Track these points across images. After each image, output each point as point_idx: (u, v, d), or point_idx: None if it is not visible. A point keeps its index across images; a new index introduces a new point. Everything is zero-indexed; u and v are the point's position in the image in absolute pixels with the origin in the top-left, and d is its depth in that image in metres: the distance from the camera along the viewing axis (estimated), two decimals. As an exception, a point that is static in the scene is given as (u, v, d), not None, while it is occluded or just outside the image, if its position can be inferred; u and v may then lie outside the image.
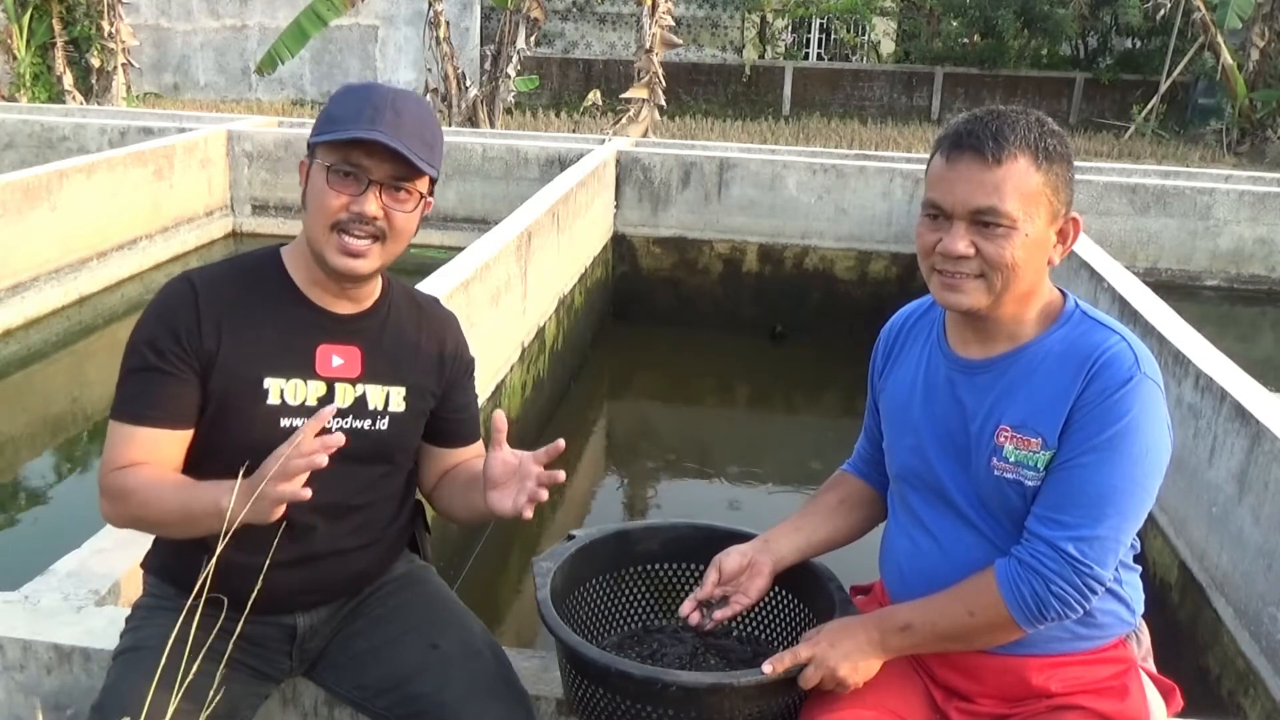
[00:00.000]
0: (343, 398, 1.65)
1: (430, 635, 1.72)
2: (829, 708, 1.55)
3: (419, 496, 1.89)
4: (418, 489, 1.88)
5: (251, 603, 1.43)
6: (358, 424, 1.66)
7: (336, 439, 1.42)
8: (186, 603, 1.44)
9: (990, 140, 1.45)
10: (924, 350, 1.67)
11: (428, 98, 11.16)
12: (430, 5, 11.39)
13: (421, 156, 1.57)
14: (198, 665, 1.37)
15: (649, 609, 1.91)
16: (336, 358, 1.65)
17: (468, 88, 11.51)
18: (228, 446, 1.58)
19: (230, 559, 1.41)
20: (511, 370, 4.92)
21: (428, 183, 1.63)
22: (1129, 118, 17.22)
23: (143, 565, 1.76)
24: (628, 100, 10.95)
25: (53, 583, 2.03)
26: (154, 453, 1.58)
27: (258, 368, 1.60)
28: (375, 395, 1.68)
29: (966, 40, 19.65)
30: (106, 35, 13.46)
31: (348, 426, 1.64)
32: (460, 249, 4.45)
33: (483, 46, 16.48)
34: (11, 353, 5.94)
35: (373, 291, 1.71)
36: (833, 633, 1.57)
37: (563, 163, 7.68)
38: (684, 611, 1.73)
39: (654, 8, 10.47)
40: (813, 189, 7.44)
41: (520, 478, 1.60)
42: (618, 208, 7.62)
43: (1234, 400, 3.22)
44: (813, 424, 6.44)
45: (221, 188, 8.36)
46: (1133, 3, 17.34)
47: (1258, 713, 2.88)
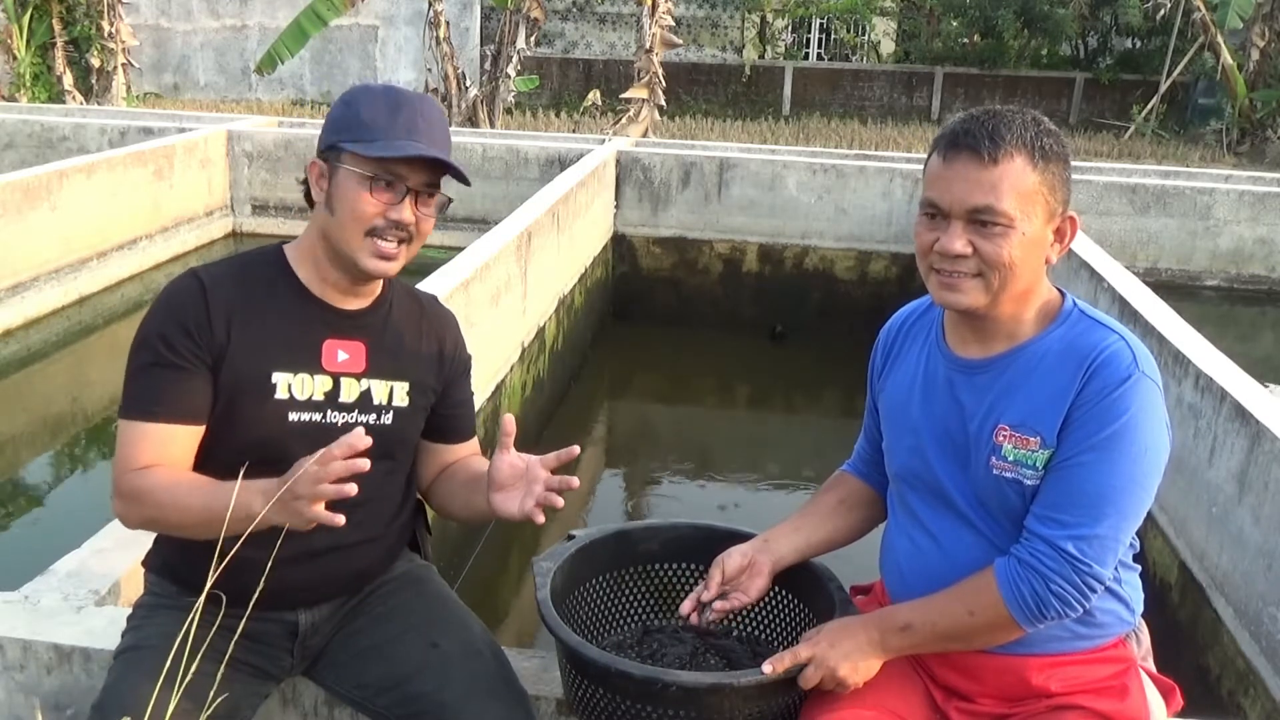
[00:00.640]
0: (348, 392, 1.66)
1: (430, 634, 1.72)
2: (829, 708, 1.55)
3: (419, 496, 1.89)
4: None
5: (255, 599, 1.43)
6: (363, 419, 1.67)
7: (362, 464, 1.40)
8: (188, 601, 1.44)
9: (986, 139, 1.45)
10: (923, 350, 1.67)
11: (423, 93, 11.16)
12: (430, 5, 11.39)
13: (461, 167, 1.63)
14: (198, 664, 1.37)
15: (649, 609, 1.91)
16: (342, 352, 1.67)
17: (468, 88, 11.51)
18: (235, 441, 1.59)
19: (234, 555, 1.41)
20: (511, 370, 4.92)
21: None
22: (1129, 118, 17.22)
23: (144, 564, 1.76)
24: (628, 100, 10.95)
25: (53, 583, 2.03)
26: (168, 450, 1.57)
27: (266, 363, 1.61)
28: (380, 390, 1.69)
29: (966, 40, 19.65)
30: (106, 35, 13.46)
31: (354, 421, 1.66)
32: (460, 249, 4.45)
33: (483, 46, 16.49)
34: (11, 353, 5.94)
35: (376, 288, 1.73)
36: (833, 633, 1.57)
37: (563, 163, 7.68)
38: (684, 610, 1.73)
39: (654, 8, 10.47)
40: (813, 189, 7.44)
41: (527, 481, 1.62)
42: (618, 208, 7.62)
43: (1234, 400, 3.22)
44: (813, 424, 6.44)
45: (221, 188, 8.37)
46: (1133, 3, 17.34)
47: (1258, 713, 2.89)
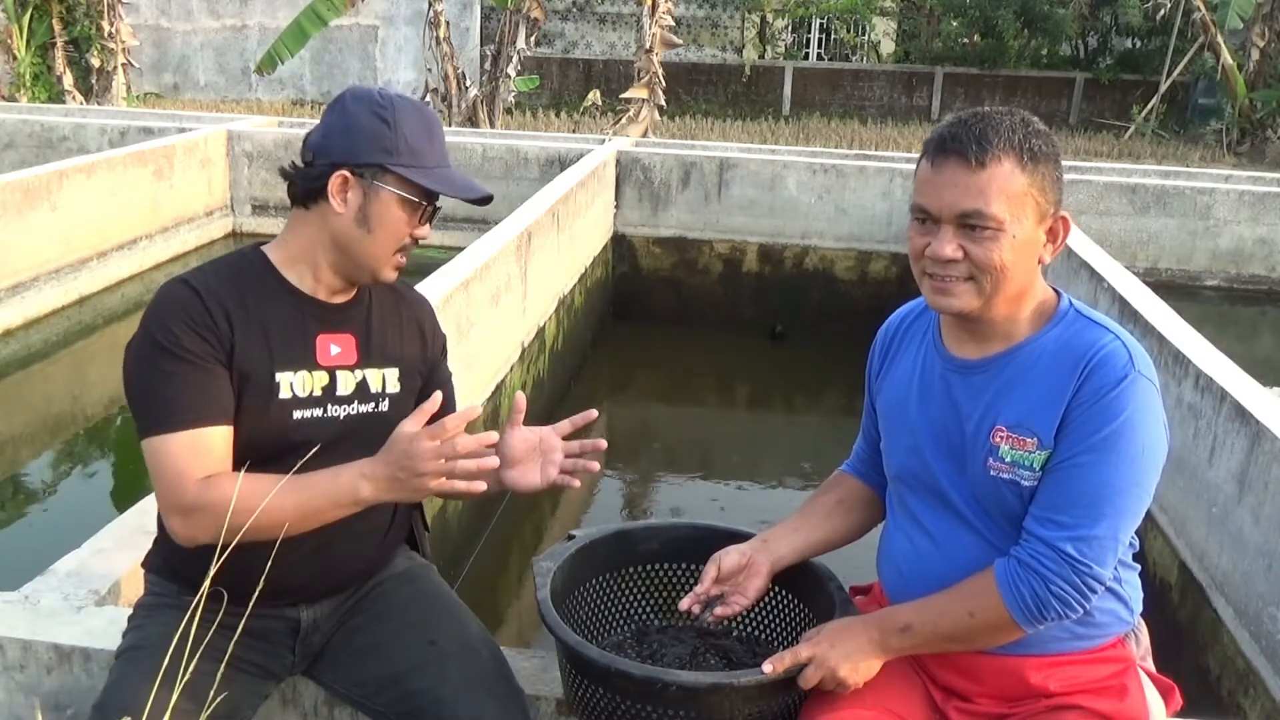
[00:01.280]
0: (344, 385, 1.68)
1: (428, 632, 1.73)
2: (829, 708, 1.55)
3: None
4: None
5: (257, 595, 1.43)
6: (362, 409, 1.69)
7: (492, 462, 1.49)
8: (189, 600, 1.44)
9: (974, 144, 1.45)
10: (920, 350, 1.67)
11: (427, 98, 11.17)
12: (430, 5, 11.39)
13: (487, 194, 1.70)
14: (196, 664, 1.37)
15: (649, 609, 1.91)
16: (334, 346, 1.68)
17: (468, 88, 11.51)
18: (240, 442, 1.59)
19: (235, 551, 1.41)
20: (511, 370, 4.92)
21: None
22: (1129, 118, 17.22)
23: (144, 565, 1.76)
24: (628, 100, 10.95)
25: (53, 583, 2.03)
26: (219, 455, 1.55)
27: (269, 363, 1.61)
28: (374, 379, 1.71)
29: (966, 40, 19.65)
30: (106, 35, 13.46)
31: (354, 412, 1.68)
32: (460, 249, 4.46)
33: (483, 46, 16.48)
34: (11, 353, 5.94)
35: None
36: (833, 633, 1.57)
37: (563, 163, 7.69)
38: (683, 606, 1.74)
39: (654, 8, 10.47)
40: (813, 189, 7.44)
41: (543, 452, 1.67)
42: (618, 208, 7.62)
43: (1234, 400, 3.22)
44: (812, 424, 6.44)
45: (221, 188, 8.37)
46: (1133, 3, 17.35)
47: (1258, 713, 2.89)
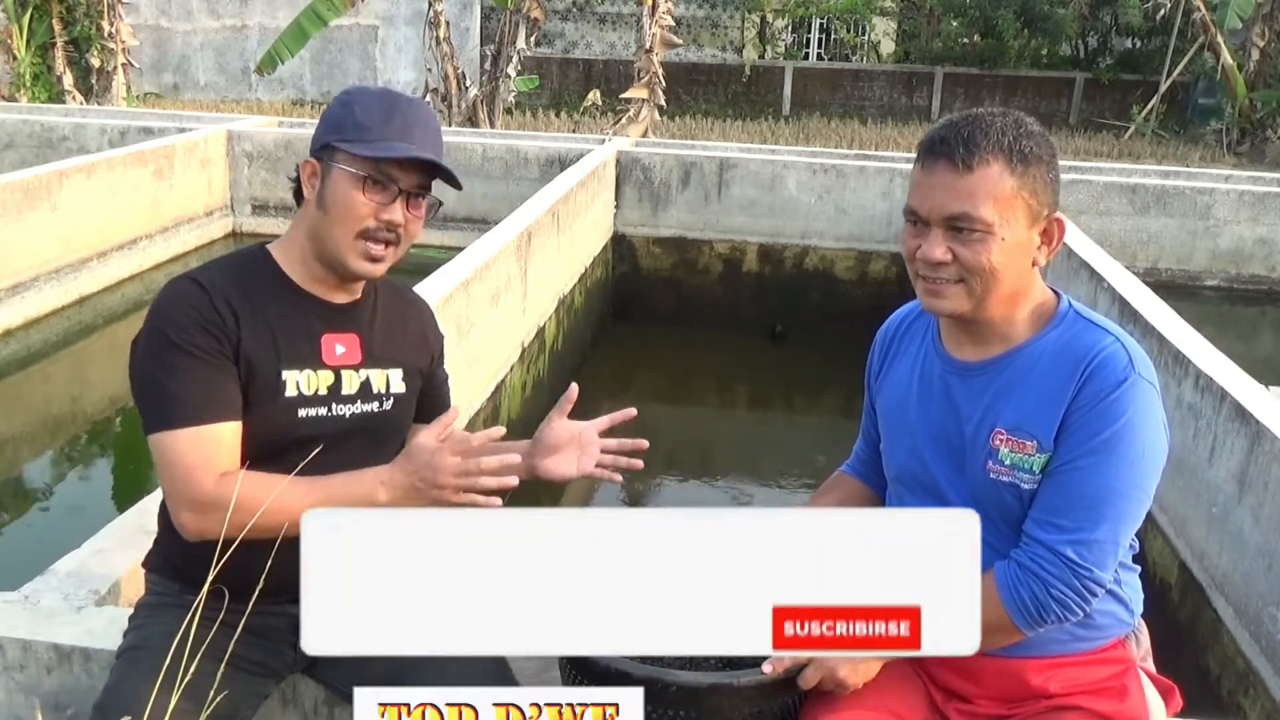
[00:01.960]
0: (349, 384, 1.68)
1: (429, 632, 1.73)
2: (829, 708, 1.55)
3: None
4: None
5: (258, 591, 1.43)
6: (366, 408, 1.69)
7: (511, 482, 1.50)
8: (190, 599, 1.44)
9: (961, 147, 1.45)
10: (919, 352, 1.67)
11: (427, 98, 11.16)
12: (430, 5, 11.39)
13: (453, 170, 1.64)
14: (198, 664, 1.37)
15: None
16: (339, 346, 1.68)
17: (468, 88, 11.51)
18: (245, 438, 1.59)
19: (236, 548, 1.41)
20: (511, 370, 4.92)
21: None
22: (1129, 118, 17.21)
23: (144, 564, 1.76)
24: (628, 100, 10.95)
25: (53, 583, 2.03)
26: (231, 451, 1.55)
27: (275, 361, 1.61)
28: (377, 379, 1.72)
29: (966, 40, 19.64)
30: (106, 35, 13.46)
31: (358, 411, 1.68)
32: (460, 249, 4.46)
33: (483, 46, 16.49)
34: (11, 353, 5.94)
35: (363, 282, 1.75)
36: (832, 633, 1.57)
37: (563, 163, 7.69)
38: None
39: (654, 8, 10.48)
40: (813, 189, 7.44)
41: (580, 444, 1.68)
42: (618, 208, 7.62)
43: (1234, 400, 3.22)
44: (812, 424, 6.44)
45: (221, 188, 8.37)
46: (1133, 3, 17.34)
47: (1258, 713, 2.89)
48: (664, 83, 10.87)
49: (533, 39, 11.45)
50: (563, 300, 6.10)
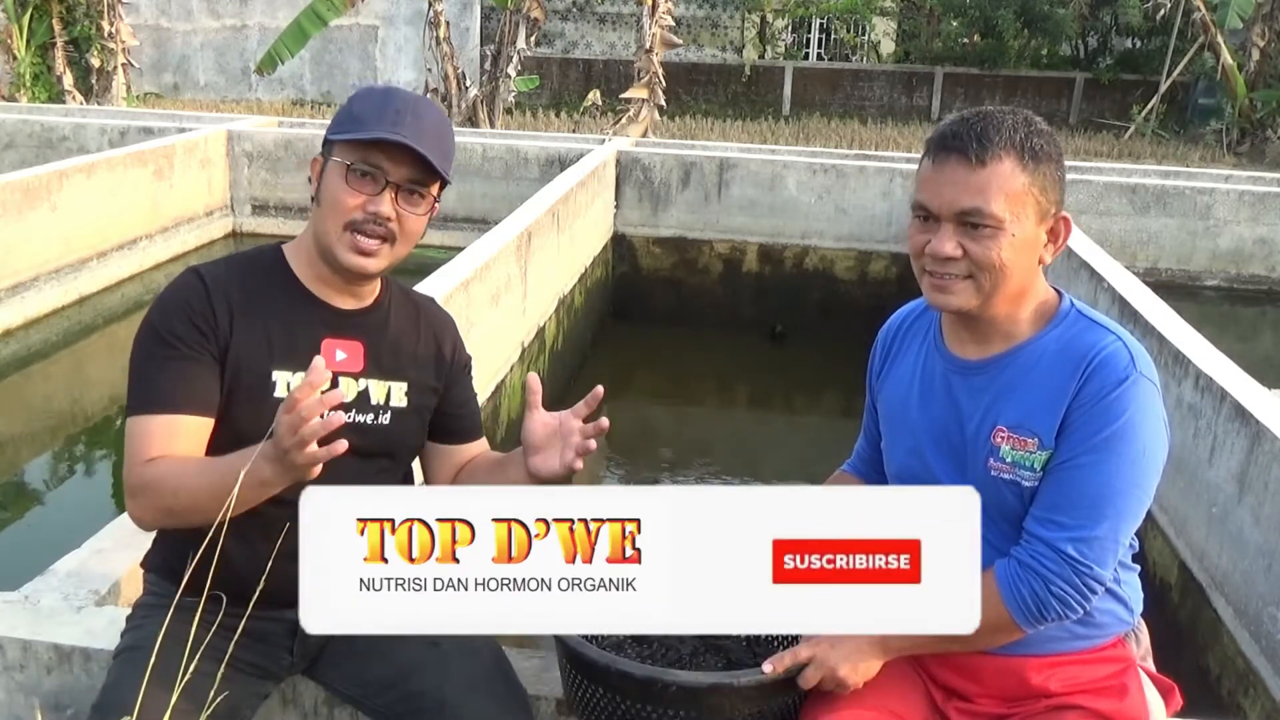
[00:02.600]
0: (346, 392, 1.66)
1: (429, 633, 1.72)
2: (829, 708, 1.55)
3: None
4: None
5: (255, 598, 1.43)
6: (360, 419, 1.67)
7: (337, 403, 1.35)
8: (188, 600, 1.44)
9: (974, 142, 1.45)
10: (921, 350, 1.67)
11: (427, 97, 11.15)
12: (430, 5, 11.39)
13: (439, 161, 1.60)
14: (196, 664, 1.37)
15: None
16: (340, 351, 1.67)
17: (468, 88, 11.51)
18: (233, 439, 1.58)
19: (232, 552, 1.41)
20: (511, 370, 4.92)
21: (438, 187, 1.66)
22: (1129, 118, 17.21)
23: (143, 564, 1.76)
24: (628, 100, 10.95)
25: (53, 583, 2.03)
26: (177, 443, 1.54)
27: (266, 360, 1.61)
28: (377, 390, 1.69)
29: (966, 40, 19.64)
30: (106, 35, 13.46)
31: (351, 421, 1.65)
32: (460, 249, 4.46)
33: (483, 46, 16.48)
34: (11, 353, 5.94)
35: (374, 289, 1.73)
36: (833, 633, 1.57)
37: (563, 163, 7.68)
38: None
39: (654, 8, 10.47)
40: (813, 189, 7.44)
41: (562, 435, 1.61)
42: (618, 208, 7.62)
43: (1234, 400, 3.22)
44: (813, 424, 6.44)
45: (221, 188, 8.37)
46: (1133, 3, 17.34)
47: (1258, 713, 2.89)
48: (664, 83, 10.86)
49: (533, 39, 11.45)
50: (563, 300, 6.10)
